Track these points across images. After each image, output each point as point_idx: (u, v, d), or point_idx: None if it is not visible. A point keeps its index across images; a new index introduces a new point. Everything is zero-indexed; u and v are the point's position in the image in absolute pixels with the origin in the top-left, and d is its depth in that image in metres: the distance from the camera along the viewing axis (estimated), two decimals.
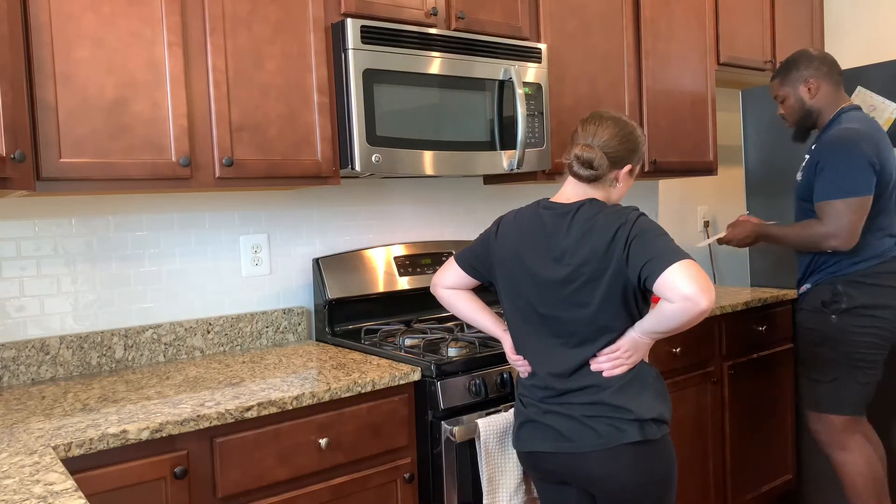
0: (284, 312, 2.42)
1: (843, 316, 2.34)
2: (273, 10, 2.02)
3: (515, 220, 1.77)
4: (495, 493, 1.89)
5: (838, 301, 2.35)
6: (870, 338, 2.32)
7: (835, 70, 2.39)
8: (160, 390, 1.83)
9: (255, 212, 2.38)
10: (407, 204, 2.72)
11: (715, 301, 2.72)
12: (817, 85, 2.38)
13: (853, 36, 3.66)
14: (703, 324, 2.69)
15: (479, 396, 1.97)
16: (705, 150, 3.16)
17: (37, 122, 1.68)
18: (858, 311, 2.32)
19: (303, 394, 1.74)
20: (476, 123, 2.32)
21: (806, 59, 2.41)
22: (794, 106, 2.46)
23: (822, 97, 2.39)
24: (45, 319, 2.04)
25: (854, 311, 2.33)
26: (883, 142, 2.31)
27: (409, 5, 2.26)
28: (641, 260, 1.53)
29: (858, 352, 2.33)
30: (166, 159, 1.85)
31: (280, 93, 2.03)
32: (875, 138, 2.28)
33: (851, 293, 2.33)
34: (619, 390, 1.62)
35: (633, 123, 1.73)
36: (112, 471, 1.50)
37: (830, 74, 2.38)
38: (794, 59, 2.44)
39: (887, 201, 2.33)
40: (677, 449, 2.63)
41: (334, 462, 1.80)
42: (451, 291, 1.88)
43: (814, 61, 2.39)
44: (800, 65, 2.41)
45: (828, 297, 2.37)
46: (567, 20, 2.68)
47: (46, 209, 2.04)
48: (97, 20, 1.76)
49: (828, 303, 2.37)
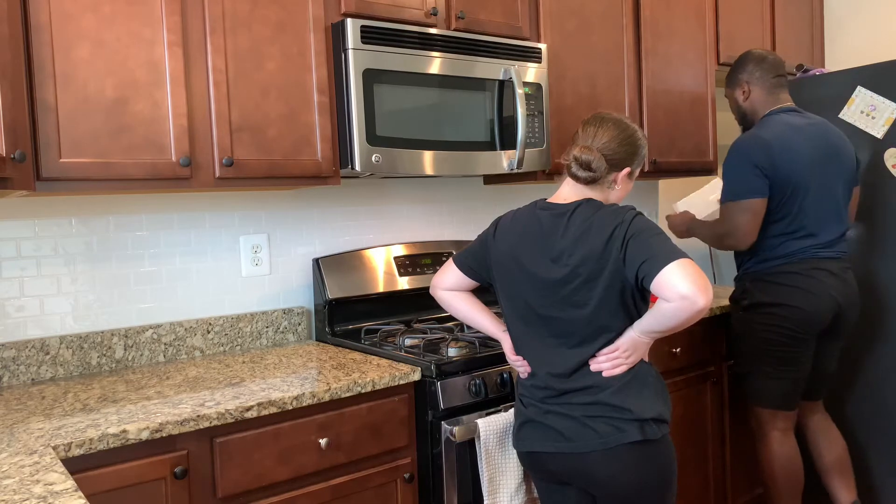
0: (284, 312, 2.42)
1: (748, 312, 2.46)
2: (273, 10, 2.02)
3: (513, 220, 1.77)
4: (495, 494, 1.89)
5: (744, 297, 2.47)
6: (770, 334, 2.40)
7: (771, 72, 2.45)
8: (160, 390, 1.83)
9: (255, 212, 2.38)
10: (407, 204, 2.72)
11: (713, 300, 2.72)
12: (748, 88, 2.49)
13: (853, 36, 3.65)
14: (703, 323, 2.69)
15: (479, 396, 1.97)
16: (705, 150, 3.16)
17: (37, 122, 1.68)
18: (758, 307, 2.43)
19: (303, 394, 1.74)
20: (476, 123, 2.32)
21: (742, 63, 2.51)
22: (733, 108, 2.60)
23: (754, 100, 2.50)
24: (45, 319, 2.04)
25: (755, 308, 2.44)
26: (790, 148, 2.34)
27: (409, 5, 2.26)
28: (639, 259, 1.53)
29: (762, 347, 2.43)
30: (166, 159, 1.85)
31: (280, 93, 2.03)
32: (776, 147, 2.32)
33: (754, 290, 2.44)
34: (618, 390, 1.62)
35: (635, 126, 1.73)
36: (112, 471, 1.50)
37: (764, 77, 2.45)
38: (736, 62, 2.55)
39: (800, 204, 2.36)
40: (677, 449, 2.63)
41: (334, 462, 1.81)
42: (450, 293, 1.89)
43: (748, 64, 2.48)
44: (737, 68, 2.52)
45: (738, 294, 2.53)
46: (567, 20, 2.68)
47: (46, 209, 2.04)
48: (97, 20, 1.76)
49: (737, 299, 2.52)
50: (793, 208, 2.37)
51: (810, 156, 2.36)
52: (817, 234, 2.39)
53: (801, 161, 2.35)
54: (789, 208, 2.37)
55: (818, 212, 2.38)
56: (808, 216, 2.38)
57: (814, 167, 2.36)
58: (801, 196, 2.36)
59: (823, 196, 2.38)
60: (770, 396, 2.48)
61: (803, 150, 2.36)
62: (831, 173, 2.40)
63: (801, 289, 2.36)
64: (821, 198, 2.38)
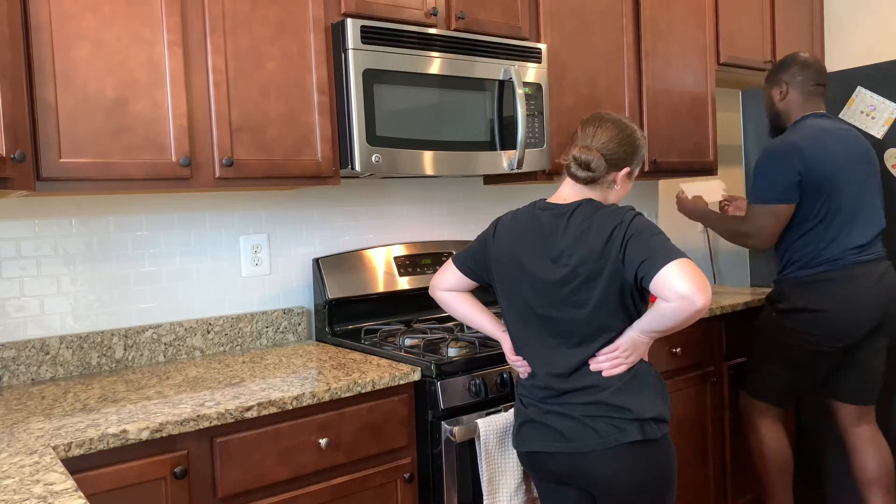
0: (284, 312, 2.42)
1: (781, 315, 2.47)
2: (273, 10, 2.02)
3: (512, 221, 1.77)
4: (495, 494, 1.89)
5: (780, 300, 2.48)
6: (797, 340, 2.42)
7: (812, 79, 2.47)
8: (160, 390, 1.83)
9: (255, 212, 2.38)
10: (407, 204, 2.72)
11: (713, 300, 2.73)
12: (787, 90, 2.50)
13: (853, 36, 3.65)
14: (703, 324, 2.69)
15: (479, 396, 1.97)
16: (705, 150, 3.16)
17: (37, 122, 1.68)
18: (793, 312, 2.44)
19: (303, 394, 1.74)
20: (476, 123, 2.32)
21: (786, 64, 2.52)
22: (767, 105, 2.60)
23: (790, 102, 2.51)
24: (45, 319, 2.04)
25: (790, 313, 2.45)
26: (822, 149, 2.34)
27: (409, 5, 2.26)
28: (638, 259, 1.53)
29: (783, 350, 2.46)
30: (166, 159, 1.85)
31: (280, 93, 2.03)
32: (808, 151, 2.33)
33: (791, 295, 2.45)
34: (618, 390, 1.62)
35: (634, 126, 1.73)
36: (112, 471, 1.50)
37: (805, 83, 2.47)
38: (780, 61, 2.55)
39: (837, 205, 2.36)
40: (677, 449, 2.63)
41: (334, 462, 1.81)
42: (449, 293, 1.89)
43: (792, 67, 2.50)
44: (780, 68, 2.53)
45: (774, 295, 2.54)
46: (567, 20, 2.68)
47: (46, 209, 2.04)
48: (97, 20, 1.76)
49: (773, 300, 2.53)
50: (830, 210, 2.37)
51: (843, 156, 2.37)
52: (857, 236, 2.39)
53: (835, 162, 2.35)
54: (827, 209, 2.36)
55: (856, 212, 2.38)
56: (846, 217, 2.37)
57: (846, 168, 2.36)
58: (837, 197, 2.36)
59: (860, 196, 2.39)
60: (771, 394, 2.53)
61: (836, 150, 2.36)
62: (864, 173, 2.40)
63: (840, 298, 2.35)
64: (857, 198, 2.38)
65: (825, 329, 2.38)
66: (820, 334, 2.38)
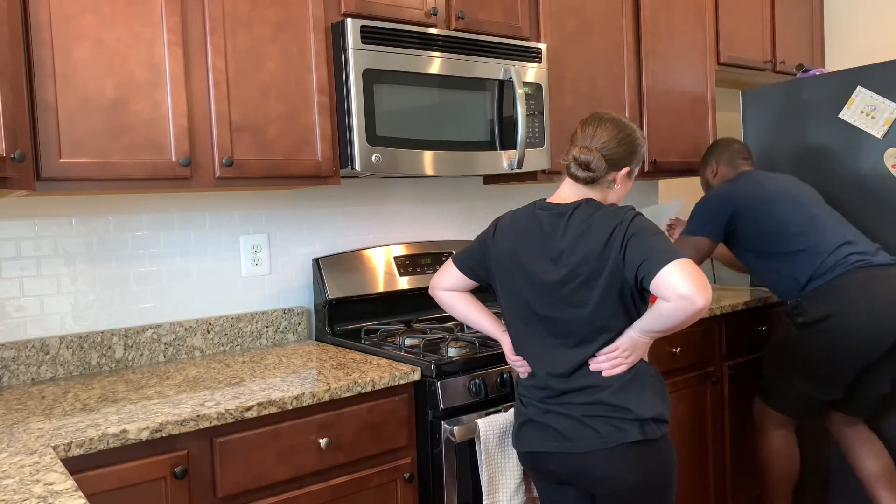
0: (284, 312, 2.42)
1: (801, 329, 2.43)
2: (273, 10, 2.02)
3: (512, 221, 1.77)
4: (495, 494, 1.89)
5: (798, 313, 2.45)
6: (819, 352, 2.37)
7: (738, 155, 2.73)
8: (160, 390, 1.83)
9: (255, 212, 2.38)
10: (407, 204, 2.72)
11: (712, 300, 2.73)
12: (716, 168, 2.76)
13: (853, 36, 3.65)
14: (702, 324, 2.69)
15: (479, 396, 1.97)
16: (705, 149, 3.16)
17: (37, 122, 1.68)
18: (813, 325, 2.39)
19: (303, 394, 1.74)
20: (476, 123, 2.32)
21: (714, 148, 2.79)
22: (703, 185, 2.87)
23: (721, 177, 2.75)
24: (45, 319, 2.04)
25: (809, 325, 2.40)
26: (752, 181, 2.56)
27: (409, 5, 2.26)
28: (638, 259, 1.53)
29: (804, 365, 2.42)
30: (166, 159, 1.85)
31: (280, 93, 2.03)
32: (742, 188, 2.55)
33: (810, 308, 2.41)
34: (618, 390, 1.62)
35: (633, 126, 1.73)
36: (112, 471, 1.50)
37: (732, 159, 2.73)
38: (709, 148, 2.83)
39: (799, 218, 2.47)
40: (677, 449, 2.63)
41: (334, 462, 1.81)
42: (449, 293, 1.88)
43: (719, 149, 2.77)
44: (708, 154, 2.81)
45: (790, 309, 2.52)
46: (567, 20, 2.68)
47: (46, 209, 2.04)
48: (97, 20, 1.76)
49: (791, 314, 2.50)
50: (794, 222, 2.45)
51: (783, 182, 2.55)
52: (850, 244, 2.41)
53: (771, 186, 2.53)
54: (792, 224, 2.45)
55: (824, 223, 2.45)
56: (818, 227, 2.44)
57: (787, 188, 2.53)
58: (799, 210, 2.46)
59: (824, 213, 2.48)
60: (787, 405, 2.52)
61: (767, 179, 2.57)
62: (811, 198, 2.54)
63: (859, 304, 2.32)
64: (816, 211, 2.48)
65: (849, 337, 2.31)
66: (844, 344, 2.32)
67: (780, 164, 3.07)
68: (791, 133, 2.97)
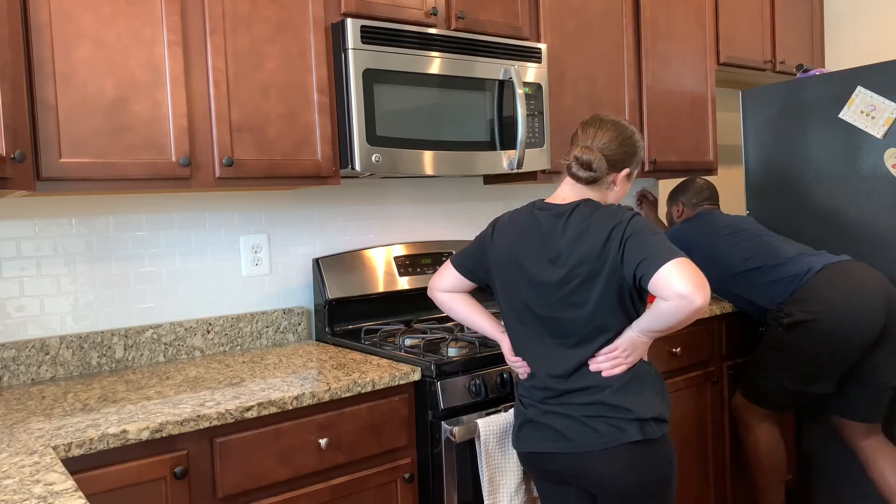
0: (284, 312, 2.42)
1: (788, 330, 2.48)
2: (273, 10, 2.02)
3: (511, 221, 1.77)
4: (495, 494, 1.89)
5: (783, 316, 2.50)
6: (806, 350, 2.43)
7: (700, 196, 2.88)
8: (160, 390, 1.83)
9: (255, 212, 2.38)
10: (407, 204, 2.72)
11: (712, 300, 2.73)
12: (681, 208, 2.91)
13: (853, 36, 3.65)
14: (703, 324, 2.69)
15: (479, 396, 1.97)
16: (705, 150, 3.16)
17: (37, 122, 1.68)
18: (799, 325, 2.44)
19: (303, 394, 1.74)
20: (476, 123, 2.32)
21: (683, 188, 2.92)
22: (667, 218, 3.02)
23: (683, 217, 2.90)
24: (45, 319, 2.04)
25: (795, 326, 2.45)
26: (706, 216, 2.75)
27: (409, 5, 2.26)
28: (636, 259, 1.53)
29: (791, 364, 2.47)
30: (166, 159, 1.85)
31: (280, 93, 2.03)
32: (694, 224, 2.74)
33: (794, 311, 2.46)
34: (618, 390, 1.62)
35: (633, 128, 1.74)
36: (112, 471, 1.50)
37: (699, 203, 2.87)
38: (679, 185, 2.95)
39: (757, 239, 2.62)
40: (677, 449, 2.63)
41: (334, 462, 1.80)
42: (448, 294, 1.89)
43: (688, 191, 2.90)
44: (678, 190, 2.94)
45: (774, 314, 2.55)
46: (567, 20, 2.68)
47: (46, 209, 2.04)
48: (97, 20, 1.76)
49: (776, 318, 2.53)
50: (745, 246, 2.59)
51: (730, 218, 2.73)
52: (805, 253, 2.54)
53: (723, 220, 2.70)
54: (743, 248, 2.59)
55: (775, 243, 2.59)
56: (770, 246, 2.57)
57: (739, 222, 2.69)
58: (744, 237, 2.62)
59: (769, 236, 2.63)
60: (771, 401, 2.57)
61: (720, 216, 2.74)
62: (762, 228, 2.70)
63: (844, 291, 2.37)
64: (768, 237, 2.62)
65: (837, 329, 2.35)
66: (832, 338, 2.36)
67: (780, 164, 3.07)
68: (791, 133, 2.97)
